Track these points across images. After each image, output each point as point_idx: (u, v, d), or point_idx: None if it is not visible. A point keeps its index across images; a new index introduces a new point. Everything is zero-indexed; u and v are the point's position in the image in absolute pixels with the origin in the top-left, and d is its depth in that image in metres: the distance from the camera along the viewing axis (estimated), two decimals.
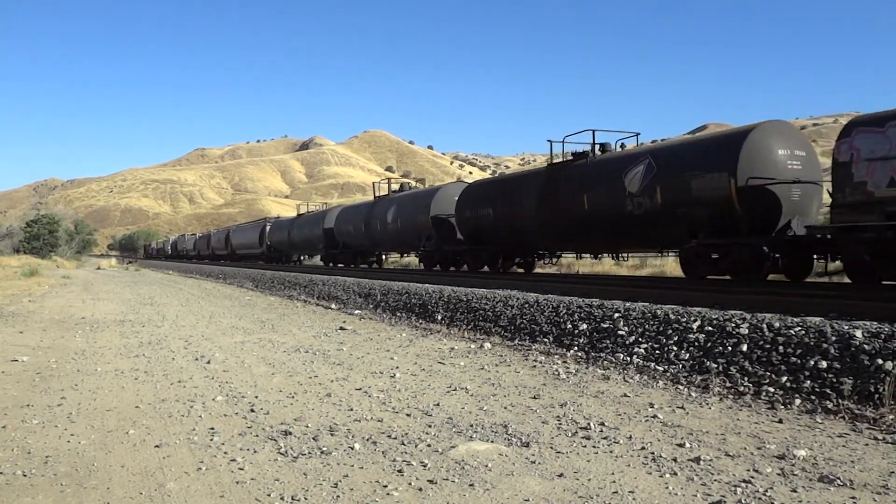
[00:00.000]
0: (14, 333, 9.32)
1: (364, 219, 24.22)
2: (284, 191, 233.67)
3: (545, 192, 14.27)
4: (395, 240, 22.41)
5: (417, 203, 20.67)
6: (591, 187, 12.85)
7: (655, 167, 11.44)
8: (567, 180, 13.73)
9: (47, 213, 69.69)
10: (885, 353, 4.82)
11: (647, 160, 11.67)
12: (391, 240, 22.65)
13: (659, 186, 11.28)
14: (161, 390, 5.60)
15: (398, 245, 23.27)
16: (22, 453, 3.90)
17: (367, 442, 4.04)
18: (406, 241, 21.57)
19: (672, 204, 11.03)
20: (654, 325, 6.81)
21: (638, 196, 11.65)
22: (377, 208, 23.57)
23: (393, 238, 22.33)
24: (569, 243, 14.94)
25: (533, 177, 15.61)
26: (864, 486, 3.20)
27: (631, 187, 11.78)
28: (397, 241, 22.47)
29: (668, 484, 3.27)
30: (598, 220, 12.73)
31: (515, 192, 15.74)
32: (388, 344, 8.23)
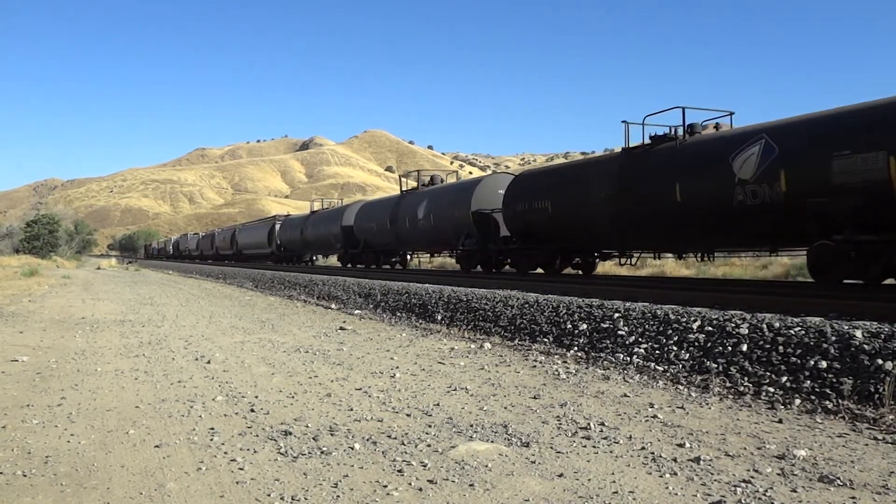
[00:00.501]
0: (14, 333, 9.32)
1: (389, 215, 21.75)
2: (284, 191, 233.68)
3: (621, 181, 12.19)
4: (426, 238, 20.08)
5: (455, 196, 18.35)
6: (684, 174, 10.88)
7: (777, 148, 9.41)
8: (651, 167, 11.75)
9: (47, 213, 69.71)
10: (885, 353, 4.82)
11: (762, 140, 9.65)
12: (422, 238, 20.33)
13: (783, 171, 9.20)
14: (161, 390, 5.60)
15: (430, 244, 20.72)
16: (22, 453, 3.90)
17: (367, 442, 4.04)
18: (440, 239, 19.32)
19: (801, 193, 9.03)
20: (654, 325, 6.81)
21: (752, 184, 9.61)
22: (405, 203, 21.03)
23: (424, 236, 20.01)
24: (649, 240, 12.67)
25: (604, 163, 13.50)
26: (864, 486, 3.20)
27: (742, 173, 9.74)
28: (429, 240, 20.14)
29: (668, 484, 3.27)
30: (694, 214, 10.78)
31: (581, 182, 13.58)
32: (388, 344, 8.23)
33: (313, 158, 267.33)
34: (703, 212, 10.62)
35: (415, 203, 20.21)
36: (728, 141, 10.42)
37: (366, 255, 25.15)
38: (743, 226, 10.15)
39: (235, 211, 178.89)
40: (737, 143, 10.11)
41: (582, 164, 14.79)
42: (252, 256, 43.42)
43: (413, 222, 20.09)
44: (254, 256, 42.99)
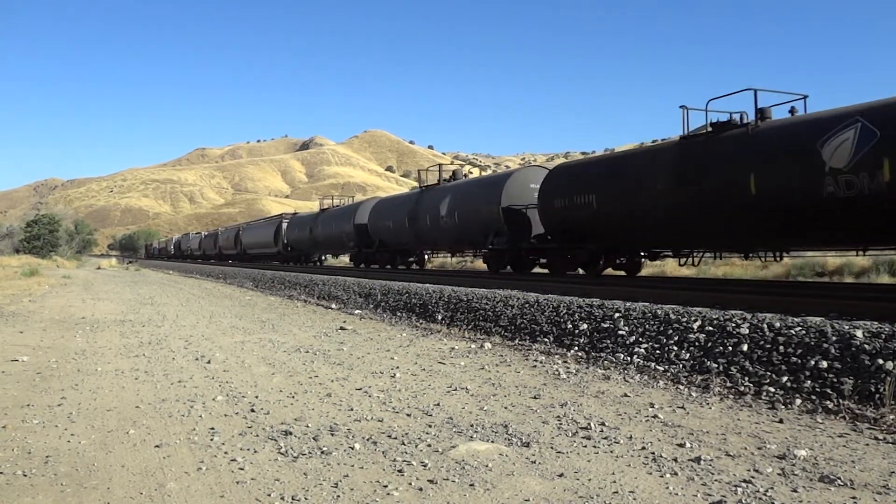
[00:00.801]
0: (14, 333, 9.32)
1: (408, 213, 20.20)
2: (285, 191, 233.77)
3: (682, 173, 11.01)
4: (450, 237, 18.51)
5: (483, 192, 16.85)
6: (760, 164, 9.73)
7: (878, 133, 8.32)
8: (718, 156, 10.58)
9: (47, 213, 69.72)
10: (886, 353, 4.82)
11: (857, 124, 8.54)
12: (445, 237, 18.80)
13: (887, 159, 8.15)
14: (161, 390, 5.60)
15: (454, 243, 19.18)
16: (22, 453, 3.89)
17: (368, 442, 4.04)
18: (465, 238, 17.86)
19: None
20: (655, 325, 6.80)
21: (847, 173, 8.54)
22: (425, 200, 19.54)
23: (447, 235, 18.47)
24: (714, 238, 11.42)
25: (659, 154, 12.12)
26: (865, 486, 3.19)
27: (835, 162, 8.66)
28: (453, 239, 18.58)
29: (668, 484, 3.27)
30: (774, 208, 9.59)
31: (632, 174, 12.24)
32: (388, 344, 8.23)
33: (313, 158, 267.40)
34: (785, 206, 9.49)
35: (436, 199, 18.70)
36: (814, 125, 9.27)
37: (381, 255, 23.60)
38: (834, 221, 9.10)
39: (236, 211, 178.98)
40: (825, 127, 8.99)
41: (633, 155, 13.24)
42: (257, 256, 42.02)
43: (434, 220, 18.60)
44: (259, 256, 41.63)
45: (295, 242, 33.54)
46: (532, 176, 16.22)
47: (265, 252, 39.49)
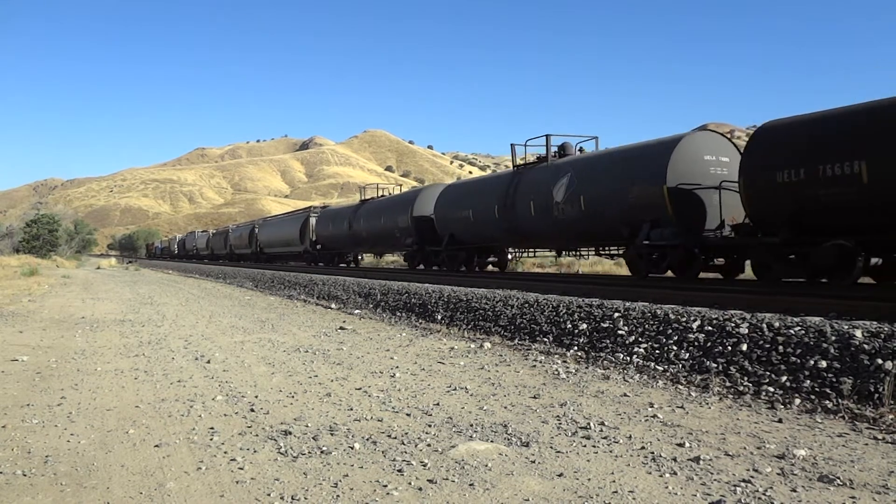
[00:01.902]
0: (14, 333, 9.32)
1: (498, 200, 16.04)
2: (284, 190, 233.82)
3: None
4: (568, 230, 13.91)
5: (632, 166, 12.25)
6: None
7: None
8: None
9: (47, 213, 69.66)
10: (885, 353, 4.83)
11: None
12: (560, 230, 14.11)
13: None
14: (161, 390, 5.60)
15: (574, 238, 14.44)
16: (22, 453, 3.90)
17: (367, 441, 4.04)
18: (597, 231, 13.51)
19: None
20: (654, 325, 6.81)
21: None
22: (525, 182, 15.26)
23: (565, 227, 13.87)
24: None
25: None
26: (864, 486, 3.20)
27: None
28: (574, 232, 13.93)
29: (667, 483, 3.27)
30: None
31: None
32: (387, 343, 8.23)
33: (313, 158, 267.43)
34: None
35: (545, 181, 14.36)
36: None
37: (453, 254, 18.98)
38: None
39: (235, 210, 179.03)
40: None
41: None
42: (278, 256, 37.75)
43: (544, 208, 14.23)
44: (280, 256, 37.36)
45: (327, 240, 29.13)
46: (707, 144, 11.82)
47: (288, 251, 35.34)
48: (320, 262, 30.79)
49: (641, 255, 12.14)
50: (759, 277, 11.09)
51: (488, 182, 18.26)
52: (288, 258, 36.60)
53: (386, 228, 22.61)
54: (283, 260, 37.32)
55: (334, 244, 28.68)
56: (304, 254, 32.29)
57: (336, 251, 29.53)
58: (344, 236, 26.83)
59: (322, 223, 29.84)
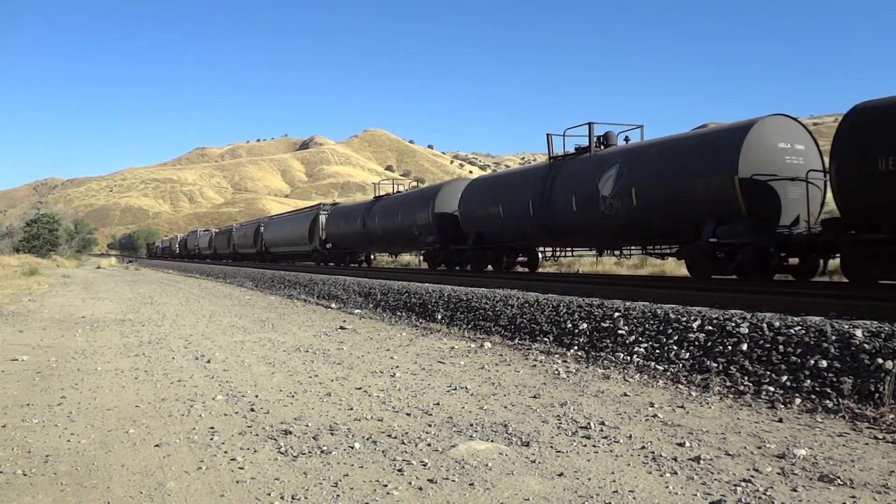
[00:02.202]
0: (14, 332, 9.32)
1: (533, 195, 14.41)
2: (284, 190, 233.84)
3: None
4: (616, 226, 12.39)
5: (692, 156, 10.90)
6: None
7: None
8: None
9: (47, 213, 69.64)
10: (886, 353, 4.82)
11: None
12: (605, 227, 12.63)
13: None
14: (161, 389, 5.60)
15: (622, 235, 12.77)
16: (22, 452, 3.89)
17: (368, 441, 4.04)
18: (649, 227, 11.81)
19: None
20: (655, 325, 6.80)
21: None
22: (565, 175, 13.72)
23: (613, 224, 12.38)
24: None
25: None
26: (865, 486, 3.19)
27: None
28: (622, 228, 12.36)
29: (668, 483, 3.27)
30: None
31: None
32: (388, 343, 8.23)
33: (313, 158, 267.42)
34: None
35: (588, 173, 12.88)
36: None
37: (479, 254, 17.39)
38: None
39: (235, 210, 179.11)
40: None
41: None
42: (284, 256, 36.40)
43: (587, 203, 12.72)
44: (287, 256, 35.97)
45: (339, 238, 27.58)
46: (781, 130, 10.54)
47: (295, 251, 33.86)
48: (330, 261, 29.33)
49: (705, 255, 10.73)
50: (852, 279, 9.66)
51: (521, 175, 16.29)
52: (295, 258, 35.33)
53: (404, 226, 21.08)
54: (290, 260, 36.04)
55: (346, 243, 27.23)
56: (313, 253, 30.77)
57: (347, 251, 28.09)
58: (357, 235, 25.34)
59: (333, 221, 28.27)
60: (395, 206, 22.27)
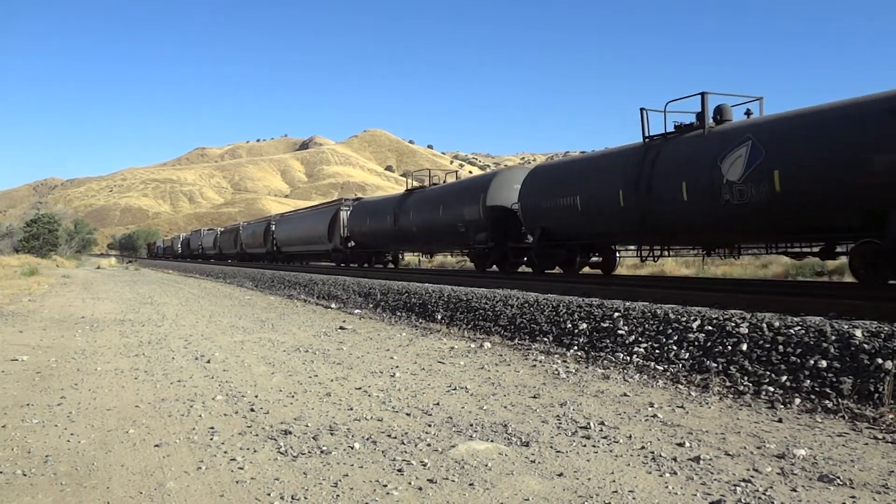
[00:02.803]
0: (14, 333, 9.32)
1: (624, 183, 11.84)
2: (284, 190, 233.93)
3: None
4: (754, 218, 9.75)
5: (869, 123, 8.21)
6: None
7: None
8: None
9: (47, 213, 69.67)
10: (885, 353, 4.82)
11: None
12: (741, 219, 9.91)
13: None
14: (161, 390, 5.60)
15: (762, 229, 10.15)
16: (22, 452, 3.90)
17: (367, 441, 4.04)
18: (796, 218, 9.36)
19: None
20: (654, 325, 6.81)
21: None
22: (667, 158, 11.22)
23: (750, 215, 9.71)
24: None
25: None
26: (864, 486, 3.20)
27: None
28: (765, 221, 9.73)
29: (667, 483, 3.27)
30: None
31: None
32: (387, 343, 8.23)
33: (313, 158, 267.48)
34: None
35: (704, 153, 10.46)
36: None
37: (546, 252, 14.68)
38: None
39: (235, 210, 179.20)
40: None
41: None
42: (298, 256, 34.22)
43: (704, 191, 10.26)
44: (302, 256, 33.67)
45: (363, 236, 24.82)
46: None
47: (311, 250, 31.15)
48: (352, 262, 26.69)
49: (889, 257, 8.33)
50: None
51: (605, 160, 13.27)
52: (310, 258, 32.98)
53: (446, 222, 18.45)
54: (304, 260, 33.73)
55: (372, 242, 24.35)
56: (333, 253, 27.98)
57: (373, 250, 25.16)
58: (386, 232, 22.47)
59: (357, 217, 25.33)
60: (436, 200, 19.41)
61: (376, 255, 25.80)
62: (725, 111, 11.43)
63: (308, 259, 33.90)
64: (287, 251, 34.89)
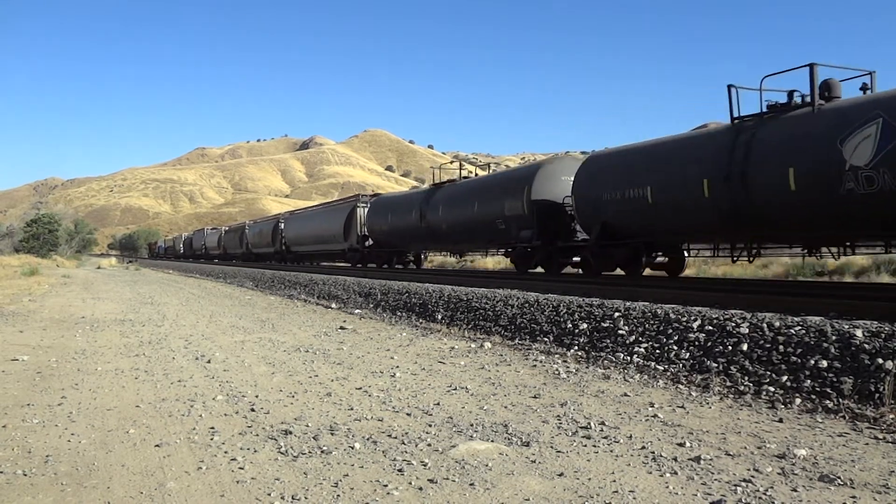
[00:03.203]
0: (14, 333, 9.32)
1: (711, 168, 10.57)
2: (285, 190, 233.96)
3: None
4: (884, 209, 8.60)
5: None
6: None
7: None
8: None
9: (47, 213, 69.68)
10: (886, 353, 4.82)
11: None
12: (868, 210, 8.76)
13: None
14: (161, 390, 5.60)
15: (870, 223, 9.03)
16: (22, 452, 3.90)
17: (368, 441, 4.04)
18: None
19: None
20: (655, 325, 6.80)
21: None
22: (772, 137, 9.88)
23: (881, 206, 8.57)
24: None
25: None
26: (865, 486, 3.19)
27: None
28: None
29: (668, 483, 3.27)
30: None
31: None
32: (388, 343, 8.23)
33: (313, 158, 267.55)
34: None
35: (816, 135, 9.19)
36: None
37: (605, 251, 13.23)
38: None
39: (236, 210, 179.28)
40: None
41: None
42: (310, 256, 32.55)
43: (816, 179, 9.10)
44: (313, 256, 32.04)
45: (384, 235, 23.16)
46: None
47: (325, 250, 29.39)
48: (370, 262, 24.91)
49: None
50: None
51: (683, 145, 11.72)
52: (322, 258, 31.18)
53: (481, 219, 16.80)
54: (316, 261, 31.91)
55: (395, 240, 22.53)
56: (349, 253, 26.25)
57: (394, 249, 23.41)
58: (411, 230, 20.72)
59: (376, 215, 23.58)
60: (469, 194, 17.74)
61: (398, 255, 24.03)
62: (834, 87, 10.02)
63: (320, 259, 32.23)
64: (297, 251, 33.29)
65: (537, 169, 15.69)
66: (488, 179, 18.23)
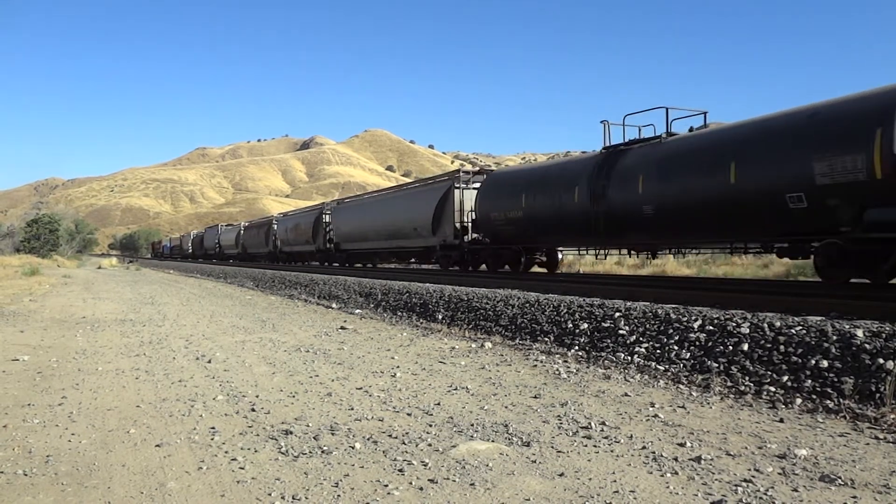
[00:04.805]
0: (15, 333, 9.32)
1: None
2: (285, 190, 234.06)
3: None
4: None
5: None
6: None
7: None
8: None
9: (48, 213, 69.74)
10: (887, 353, 4.82)
11: None
12: None
13: None
14: (162, 390, 5.60)
15: None
16: (23, 452, 3.90)
17: (368, 441, 4.04)
18: None
19: None
20: (655, 325, 6.80)
21: None
22: None
23: None
24: None
25: None
26: (866, 486, 3.19)
27: None
28: None
29: (668, 483, 3.27)
30: None
31: None
32: (388, 343, 8.23)
33: (314, 158, 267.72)
34: None
35: None
36: None
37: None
38: None
39: (236, 210, 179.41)
40: None
41: None
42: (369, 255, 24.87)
43: None
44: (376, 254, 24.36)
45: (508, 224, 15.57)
46: None
47: (397, 247, 21.86)
48: (480, 263, 17.70)
49: None
50: None
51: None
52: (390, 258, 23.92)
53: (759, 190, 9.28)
54: (381, 261, 24.80)
55: (530, 232, 15.21)
56: (441, 250, 18.91)
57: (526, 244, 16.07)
58: (568, 217, 13.54)
59: (492, 196, 16.35)
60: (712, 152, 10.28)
61: (528, 256, 16.59)
62: None
63: (388, 259, 24.45)
64: (351, 249, 25.36)
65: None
66: (757, 126, 9.84)
